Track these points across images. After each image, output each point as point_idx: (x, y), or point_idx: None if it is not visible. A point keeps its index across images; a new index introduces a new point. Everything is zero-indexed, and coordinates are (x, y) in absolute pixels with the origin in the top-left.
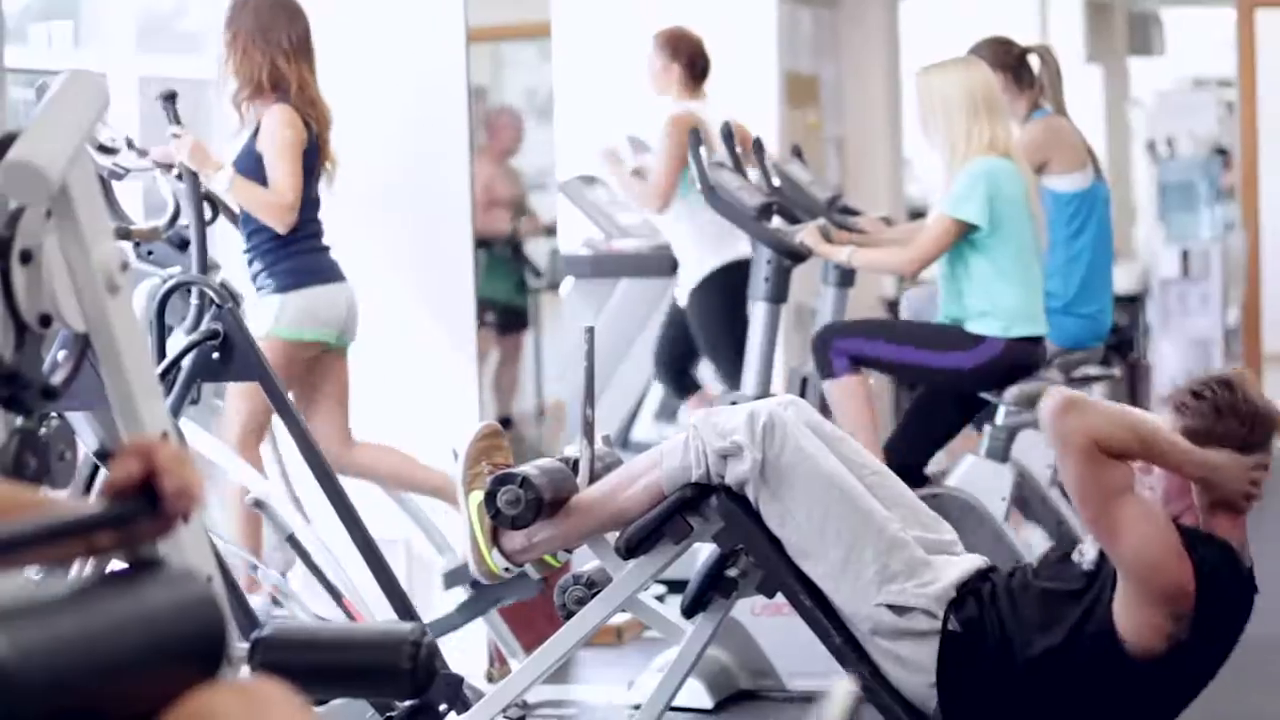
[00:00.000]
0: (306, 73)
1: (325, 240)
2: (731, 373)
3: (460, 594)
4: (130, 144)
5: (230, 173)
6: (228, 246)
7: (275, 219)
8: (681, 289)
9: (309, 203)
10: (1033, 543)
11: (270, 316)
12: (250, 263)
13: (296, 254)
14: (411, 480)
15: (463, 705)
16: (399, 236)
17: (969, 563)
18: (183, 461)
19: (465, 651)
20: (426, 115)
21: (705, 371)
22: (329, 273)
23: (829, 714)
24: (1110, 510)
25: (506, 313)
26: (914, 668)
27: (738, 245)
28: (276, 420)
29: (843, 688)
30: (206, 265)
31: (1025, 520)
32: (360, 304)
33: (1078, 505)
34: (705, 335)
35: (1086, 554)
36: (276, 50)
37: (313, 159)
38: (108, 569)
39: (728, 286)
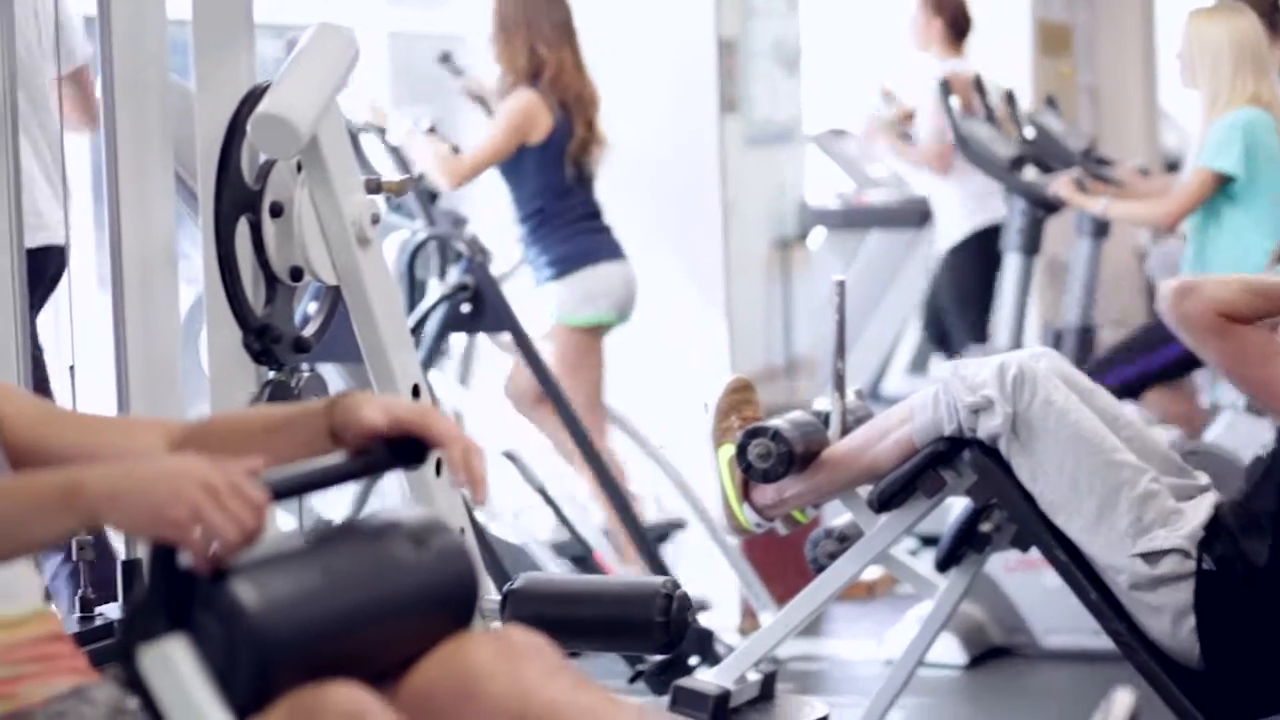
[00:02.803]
0: (567, 58)
1: (597, 221)
2: (976, 333)
3: None
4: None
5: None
6: (479, 201)
7: (442, 174)
8: (940, 245)
9: (563, 188)
10: None
11: (549, 307)
12: (528, 257)
13: (562, 240)
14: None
15: (714, 659)
16: (649, 190)
17: (1209, 500)
18: (471, 447)
19: (717, 606)
20: (675, 65)
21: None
22: (597, 253)
23: None
24: (1265, 374)
25: None
26: (1173, 615)
27: (1002, 208)
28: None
29: (1123, 699)
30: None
31: None
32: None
33: (1232, 381)
34: (956, 294)
35: (1268, 444)
36: (537, 37)
37: (561, 144)
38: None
39: (989, 249)
